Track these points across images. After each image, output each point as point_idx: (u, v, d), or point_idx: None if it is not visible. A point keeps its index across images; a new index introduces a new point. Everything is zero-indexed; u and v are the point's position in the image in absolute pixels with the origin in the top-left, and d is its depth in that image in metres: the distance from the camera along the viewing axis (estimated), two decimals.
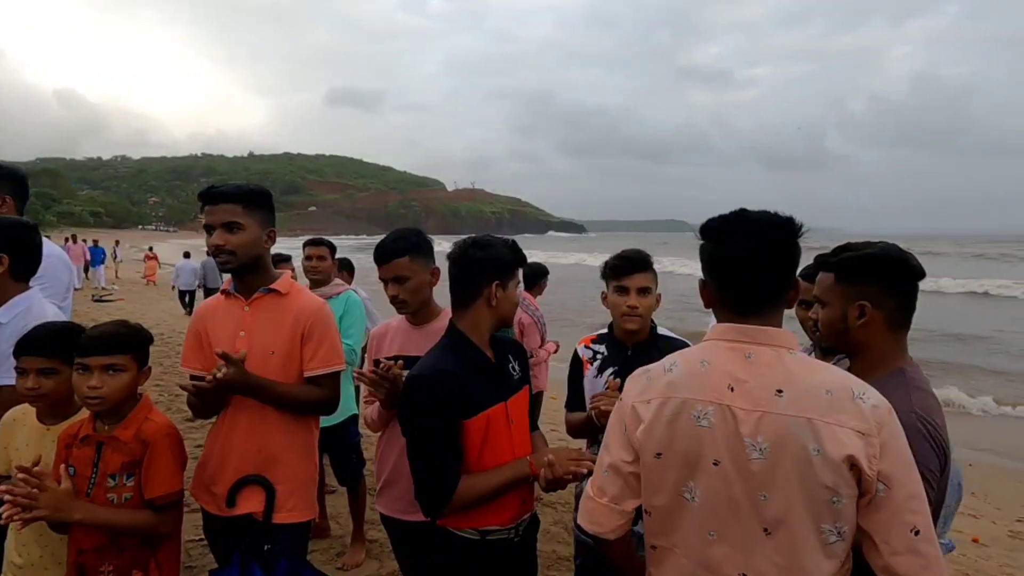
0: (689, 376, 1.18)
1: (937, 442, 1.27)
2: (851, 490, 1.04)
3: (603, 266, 2.11)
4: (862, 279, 1.41)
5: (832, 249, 1.51)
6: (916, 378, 1.39)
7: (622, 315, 2.01)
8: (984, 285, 22.01)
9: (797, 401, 1.08)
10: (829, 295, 1.47)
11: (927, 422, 1.28)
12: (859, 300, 1.40)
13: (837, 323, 1.45)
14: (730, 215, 1.21)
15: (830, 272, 1.47)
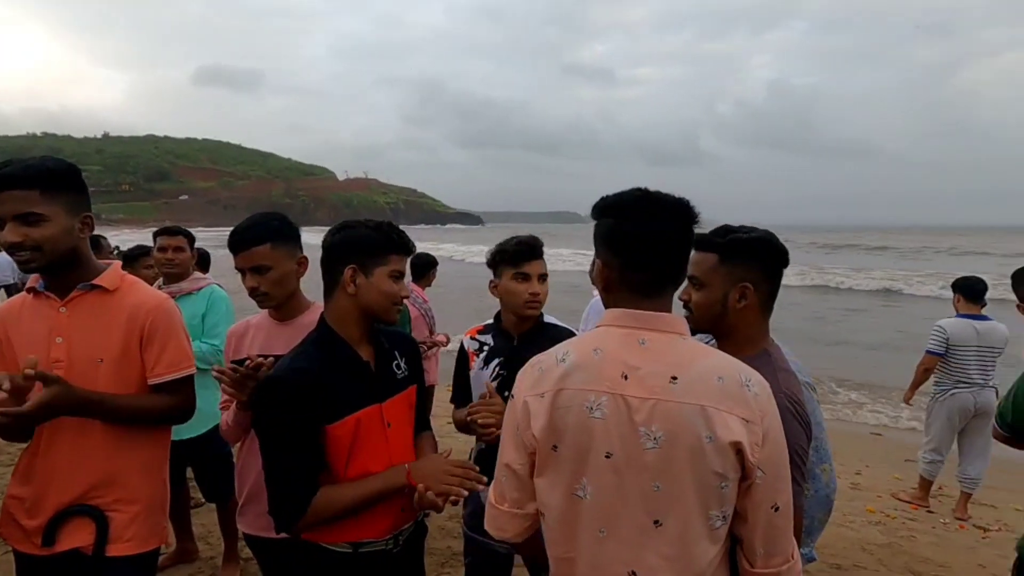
0: (582, 366, 1.14)
1: (803, 420, 1.34)
2: (736, 474, 1.06)
3: (494, 253, 2.02)
4: (746, 262, 1.43)
5: (710, 231, 1.50)
6: (780, 359, 1.45)
7: (524, 303, 1.95)
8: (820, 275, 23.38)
9: (691, 388, 1.06)
10: (711, 276, 1.45)
11: (794, 401, 1.34)
12: (742, 282, 1.42)
13: (716, 305, 1.44)
14: (635, 191, 1.17)
15: (713, 253, 1.45)
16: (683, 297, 1.54)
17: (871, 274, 23.30)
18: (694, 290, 1.49)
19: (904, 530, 4.23)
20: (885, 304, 17.19)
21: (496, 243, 2.06)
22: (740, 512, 1.09)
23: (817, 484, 1.61)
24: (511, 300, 1.97)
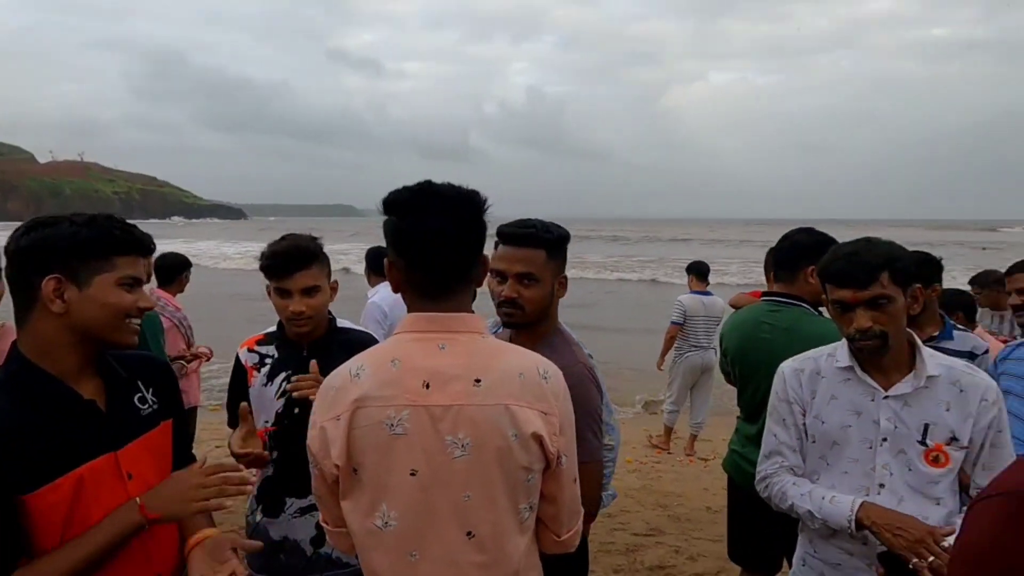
0: (379, 379, 1.05)
1: (598, 384, 1.52)
2: (541, 464, 1.09)
3: (260, 259, 1.75)
4: (563, 255, 1.57)
5: (516, 225, 1.59)
6: (570, 334, 1.62)
7: (288, 321, 1.74)
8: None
9: (494, 389, 1.04)
10: (543, 271, 1.54)
11: (590, 368, 1.51)
12: (562, 274, 1.57)
13: (548, 298, 1.56)
14: (416, 187, 1.10)
15: (541, 249, 1.54)
16: (510, 295, 1.54)
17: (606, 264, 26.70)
18: (524, 287, 1.54)
19: (653, 472, 5.09)
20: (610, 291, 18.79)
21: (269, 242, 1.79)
22: (547, 495, 1.13)
23: (614, 434, 1.84)
24: (280, 315, 1.76)
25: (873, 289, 1.39)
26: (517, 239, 1.55)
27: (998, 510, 0.53)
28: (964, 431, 1.40)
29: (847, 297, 1.43)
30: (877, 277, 1.39)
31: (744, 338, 2.29)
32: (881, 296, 1.39)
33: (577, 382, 1.39)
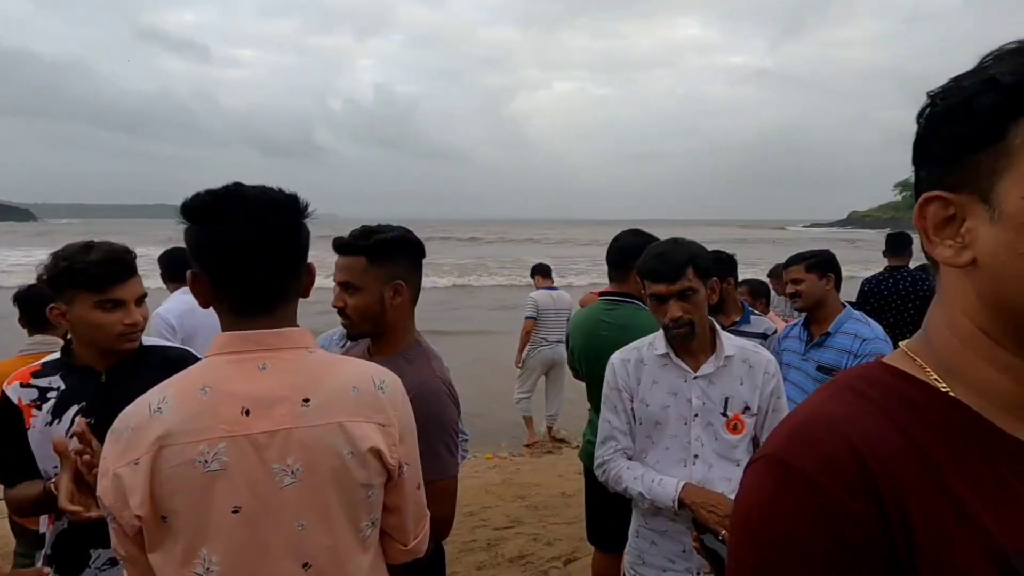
0: (186, 412, 0.93)
1: (456, 400, 1.48)
2: (381, 478, 1.05)
3: (60, 271, 1.44)
4: (393, 259, 1.47)
5: (349, 233, 1.50)
6: (429, 346, 1.56)
7: (119, 336, 1.47)
8: None
9: (326, 407, 0.98)
10: (364, 279, 1.46)
11: (448, 384, 1.47)
12: (394, 280, 1.46)
13: (374, 306, 1.47)
14: (221, 190, 0.99)
15: (361, 256, 1.46)
16: (336, 304, 1.50)
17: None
18: (348, 296, 1.47)
19: (512, 466, 5.26)
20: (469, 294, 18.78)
21: (57, 251, 1.48)
22: (390, 506, 1.09)
23: (464, 447, 1.89)
24: (95, 335, 1.48)
25: (681, 283, 1.61)
26: (338, 247, 1.51)
27: (759, 472, 0.59)
28: (754, 400, 1.66)
29: (661, 291, 1.63)
30: (684, 272, 1.61)
31: (587, 336, 2.46)
32: (688, 288, 1.61)
33: (434, 397, 1.39)
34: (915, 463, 0.53)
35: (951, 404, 0.56)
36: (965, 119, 0.53)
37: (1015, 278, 0.52)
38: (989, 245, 0.53)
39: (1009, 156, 0.50)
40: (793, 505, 0.53)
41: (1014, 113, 0.50)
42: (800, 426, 0.59)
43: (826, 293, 2.58)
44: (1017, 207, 0.50)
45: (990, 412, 0.55)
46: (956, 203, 0.54)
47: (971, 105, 0.52)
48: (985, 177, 0.52)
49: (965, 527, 0.51)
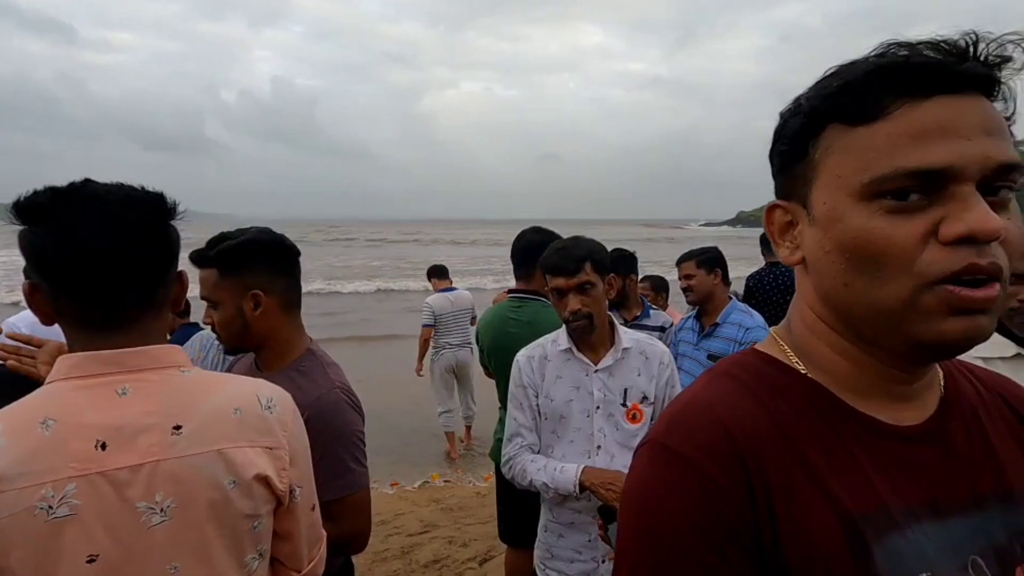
0: (21, 451, 0.79)
1: (357, 406, 1.39)
2: (269, 506, 0.96)
3: None
4: (248, 267, 1.34)
5: (206, 243, 1.36)
6: (324, 354, 1.46)
7: None
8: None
9: (202, 433, 0.88)
10: (219, 293, 1.33)
11: (347, 391, 1.38)
12: (251, 290, 1.33)
13: (235, 321, 1.34)
14: (65, 187, 0.86)
15: (212, 268, 1.33)
16: (206, 321, 1.39)
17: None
18: (213, 311, 1.36)
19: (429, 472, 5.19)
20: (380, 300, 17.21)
21: None
22: (282, 533, 1.01)
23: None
24: None
25: (580, 276, 1.67)
26: (192, 260, 1.37)
27: (643, 457, 0.62)
28: (651, 390, 1.74)
29: (561, 284, 1.68)
30: (582, 267, 1.68)
31: (495, 334, 2.47)
32: (586, 282, 1.68)
33: (334, 408, 1.31)
34: (778, 440, 0.58)
35: (808, 385, 0.62)
36: (786, 138, 0.61)
37: (826, 272, 0.58)
38: (810, 245, 0.60)
39: (814, 168, 0.58)
40: (674, 485, 0.57)
41: (813, 133, 0.58)
42: (679, 412, 0.62)
43: (715, 287, 2.77)
44: (821, 211, 0.58)
45: (842, 392, 0.61)
46: (790, 210, 0.62)
47: (786, 126, 0.61)
48: (802, 187, 0.60)
49: (819, 496, 0.56)
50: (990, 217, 0.50)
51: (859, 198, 0.54)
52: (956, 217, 0.51)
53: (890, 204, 0.53)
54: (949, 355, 0.55)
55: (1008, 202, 0.53)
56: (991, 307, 0.51)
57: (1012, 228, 0.54)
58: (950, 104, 0.52)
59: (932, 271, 0.51)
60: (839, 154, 0.56)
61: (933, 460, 0.58)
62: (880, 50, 0.56)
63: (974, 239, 0.50)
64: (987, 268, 0.50)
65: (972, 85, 0.53)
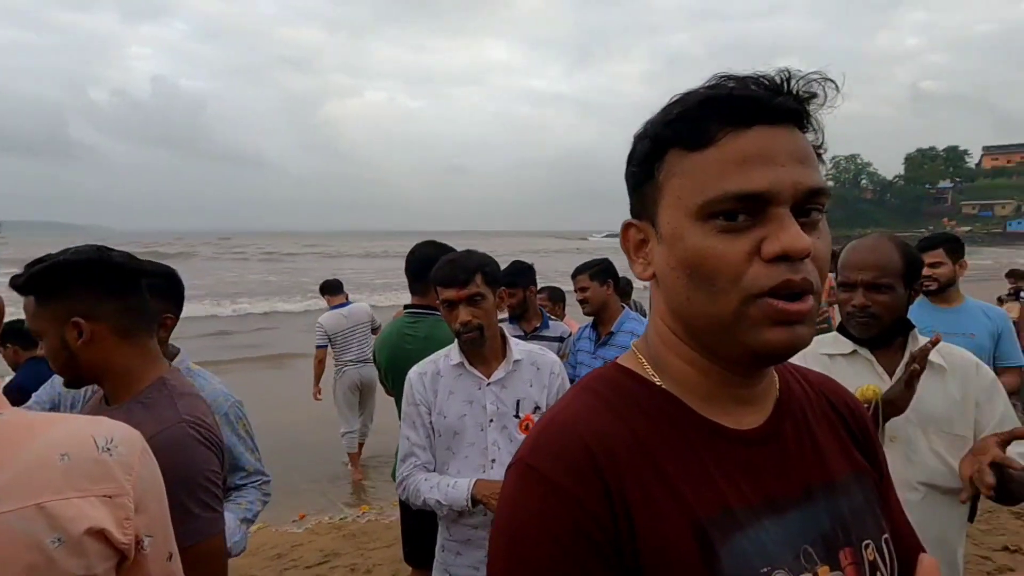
0: None
1: (212, 442, 1.24)
2: (108, 563, 0.84)
3: None
4: (64, 293, 1.17)
5: (23, 267, 1.19)
6: (181, 384, 1.30)
7: None
8: None
9: (18, 486, 0.78)
10: (38, 323, 1.17)
11: (199, 425, 1.23)
12: (72, 317, 1.16)
13: (61, 352, 1.17)
14: None
15: (30, 296, 1.17)
16: (40, 353, 1.21)
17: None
18: (44, 344, 1.20)
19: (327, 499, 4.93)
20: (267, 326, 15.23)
21: None
22: None
23: (266, 489, 1.76)
24: None
25: (471, 288, 1.67)
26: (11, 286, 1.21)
27: (510, 477, 0.63)
28: (543, 400, 1.77)
29: (452, 296, 1.68)
30: (473, 278, 1.68)
31: (392, 351, 2.40)
32: (477, 294, 1.68)
33: (176, 446, 1.16)
34: (635, 451, 0.60)
35: (662, 395, 0.65)
36: (635, 160, 0.65)
37: (672, 288, 0.62)
38: (659, 262, 0.64)
39: (660, 190, 0.62)
40: (538, 505, 0.58)
41: (658, 156, 0.62)
42: (543, 430, 0.64)
43: (608, 297, 2.88)
44: (666, 230, 0.61)
45: (692, 400, 0.64)
46: (642, 228, 0.65)
47: (636, 149, 0.64)
48: (651, 207, 0.63)
49: (673, 503, 0.58)
50: (801, 237, 0.55)
51: (696, 218, 0.58)
52: (774, 237, 0.55)
53: (722, 224, 0.57)
54: (776, 360, 0.60)
55: (819, 223, 0.59)
56: (806, 318, 0.57)
57: (820, 246, 0.58)
58: (768, 134, 0.57)
59: (755, 286, 0.56)
60: (679, 177, 0.60)
61: (770, 459, 0.63)
62: (713, 81, 0.61)
63: (788, 257, 0.55)
64: (800, 284, 0.56)
65: (786, 117, 0.58)
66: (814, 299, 0.57)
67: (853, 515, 0.64)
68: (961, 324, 2.48)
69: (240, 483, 1.75)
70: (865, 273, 1.45)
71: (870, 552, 0.64)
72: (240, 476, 1.75)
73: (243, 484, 1.75)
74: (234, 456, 1.70)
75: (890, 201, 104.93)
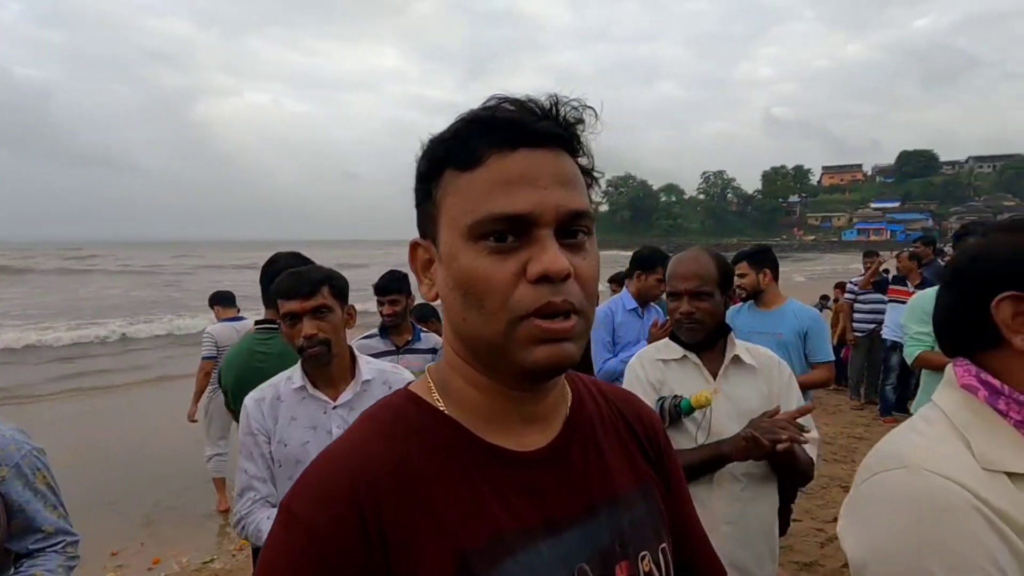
0: None
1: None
2: None
3: None
4: None
5: None
6: None
7: None
8: None
9: None
10: None
11: None
12: None
13: None
14: None
15: None
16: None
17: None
18: None
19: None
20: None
21: None
22: None
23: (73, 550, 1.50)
24: None
25: (316, 299, 1.58)
26: None
27: (276, 522, 0.59)
28: None
29: (295, 308, 1.57)
30: (319, 290, 1.58)
31: (240, 371, 2.21)
32: (323, 306, 1.58)
33: None
34: (400, 483, 0.58)
35: (444, 421, 0.63)
36: (417, 177, 0.63)
37: (451, 308, 0.61)
38: (440, 282, 0.62)
39: (438, 209, 0.61)
40: (295, 557, 0.56)
41: (435, 176, 0.61)
42: (311, 470, 0.61)
43: None
44: (443, 250, 0.60)
45: (474, 424, 0.63)
46: (428, 248, 0.63)
47: (418, 168, 0.63)
48: (432, 226, 0.62)
49: (437, 535, 0.56)
50: (558, 259, 0.55)
51: (467, 238, 0.57)
52: (536, 259, 0.56)
53: (492, 245, 0.56)
54: (547, 377, 0.60)
55: (584, 244, 0.60)
56: (571, 335, 0.57)
57: (585, 266, 0.59)
58: (531, 157, 0.57)
59: (521, 306, 0.56)
60: (452, 196, 0.59)
61: (553, 479, 0.63)
62: (492, 102, 0.60)
63: (549, 278, 0.55)
64: (560, 305, 0.56)
65: (550, 140, 0.59)
66: (580, 318, 0.58)
67: (633, 528, 0.66)
68: (773, 325, 2.81)
69: (36, 547, 1.44)
70: (689, 283, 1.58)
71: (646, 563, 0.65)
72: (36, 539, 1.44)
73: (41, 548, 1.44)
74: (27, 515, 1.41)
75: (751, 213, 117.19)
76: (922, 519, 0.70)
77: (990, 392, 0.77)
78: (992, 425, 0.75)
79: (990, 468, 0.71)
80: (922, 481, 0.71)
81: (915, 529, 0.70)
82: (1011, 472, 0.71)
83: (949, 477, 0.70)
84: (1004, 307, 0.76)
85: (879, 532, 0.74)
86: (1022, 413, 0.74)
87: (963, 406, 0.78)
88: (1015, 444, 0.73)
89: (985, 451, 0.73)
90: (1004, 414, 0.75)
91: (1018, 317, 0.76)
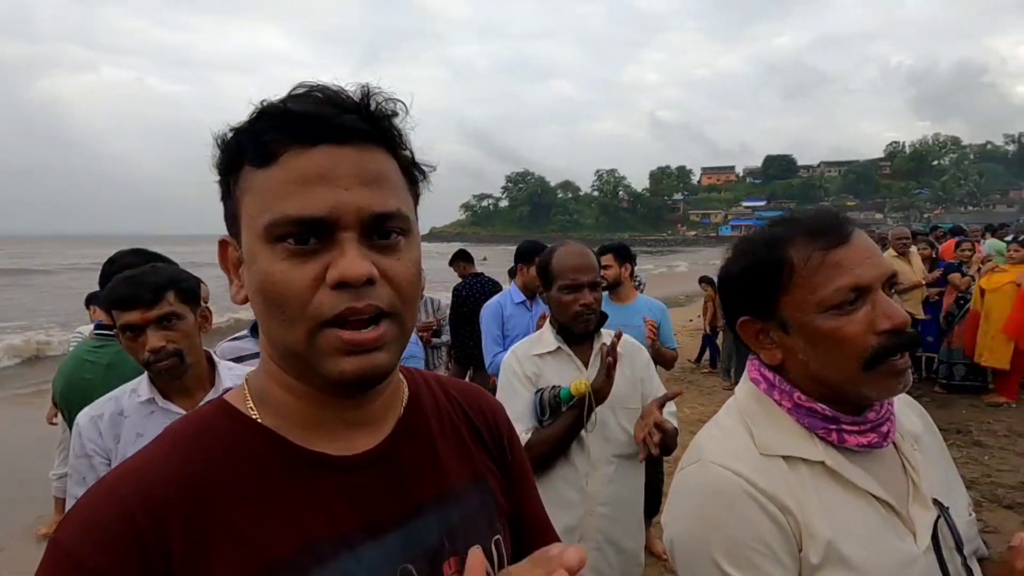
0: None
1: None
2: None
3: None
4: None
5: None
6: None
7: None
8: None
9: None
10: None
11: None
12: None
13: None
14: None
15: None
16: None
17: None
18: None
19: None
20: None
21: None
22: None
23: None
24: None
25: (161, 308, 1.39)
26: None
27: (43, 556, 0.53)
28: None
29: (135, 319, 1.38)
30: (163, 296, 1.40)
31: (67, 381, 1.93)
32: (170, 314, 1.41)
33: None
34: (193, 501, 0.54)
35: (255, 430, 0.59)
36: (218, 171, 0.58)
37: (257, 314, 0.57)
38: (247, 285, 0.58)
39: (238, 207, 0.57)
40: None
41: (233, 170, 0.56)
42: (87, 494, 0.55)
43: None
44: (244, 250, 0.57)
45: (292, 432, 0.59)
46: (236, 247, 0.59)
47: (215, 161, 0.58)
48: (235, 224, 0.58)
49: (237, 550, 0.53)
50: (357, 264, 0.52)
51: (264, 240, 0.54)
52: (335, 264, 0.52)
53: (291, 248, 0.53)
54: (359, 389, 0.57)
55: (399, 245, 0.56)
56: (379, 344, 0.54)
57: (399, 268, 0.56)
58: (332, 154, 0.53)
59: (321, 314, 0.53)
60: (249, 195, 0.55)
61: (378, 482, 0.61)
62: (301, 90, 0.56)
63: (348, 284, 0.52)
64: (364, 310, 0.53)
65: (356, 136, 0.55)
66: (392, 323, 0.55)
67: (464, 523, 0.65)
68: (631, 317, 3.00)
69: None
70: (588, 274, 1.69)
71: None
72: None
73: None
74: None
75: (640, 210, 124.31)
76: (704, 507, 0.80)
77: (767, 384, 0.87)
78: (771, 413, 0.85)
79: (767, 453, 0.81)
80: (708, 473, 0.82)
81: (699, 516, 0.81)
82: (786, 455, 0.81)
83: (728, 467, 0.80)
84: (746, 328, 0.87)
85: (679, 520, 0.85)
86: (791, 401, 0.84)
87: (751, 397, 0.88)
88: (790, 430, 0.83)
89: (764, 438, 0.83)
90: (779, 403, 0.85)
91: (760, 335, 0.86)
